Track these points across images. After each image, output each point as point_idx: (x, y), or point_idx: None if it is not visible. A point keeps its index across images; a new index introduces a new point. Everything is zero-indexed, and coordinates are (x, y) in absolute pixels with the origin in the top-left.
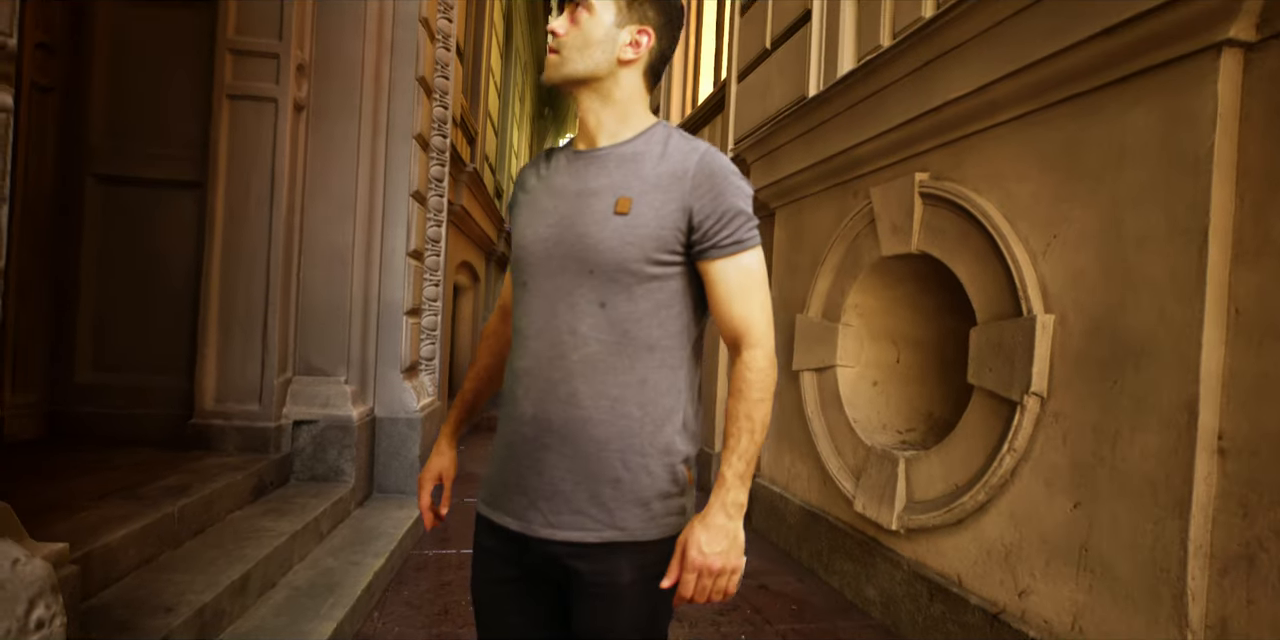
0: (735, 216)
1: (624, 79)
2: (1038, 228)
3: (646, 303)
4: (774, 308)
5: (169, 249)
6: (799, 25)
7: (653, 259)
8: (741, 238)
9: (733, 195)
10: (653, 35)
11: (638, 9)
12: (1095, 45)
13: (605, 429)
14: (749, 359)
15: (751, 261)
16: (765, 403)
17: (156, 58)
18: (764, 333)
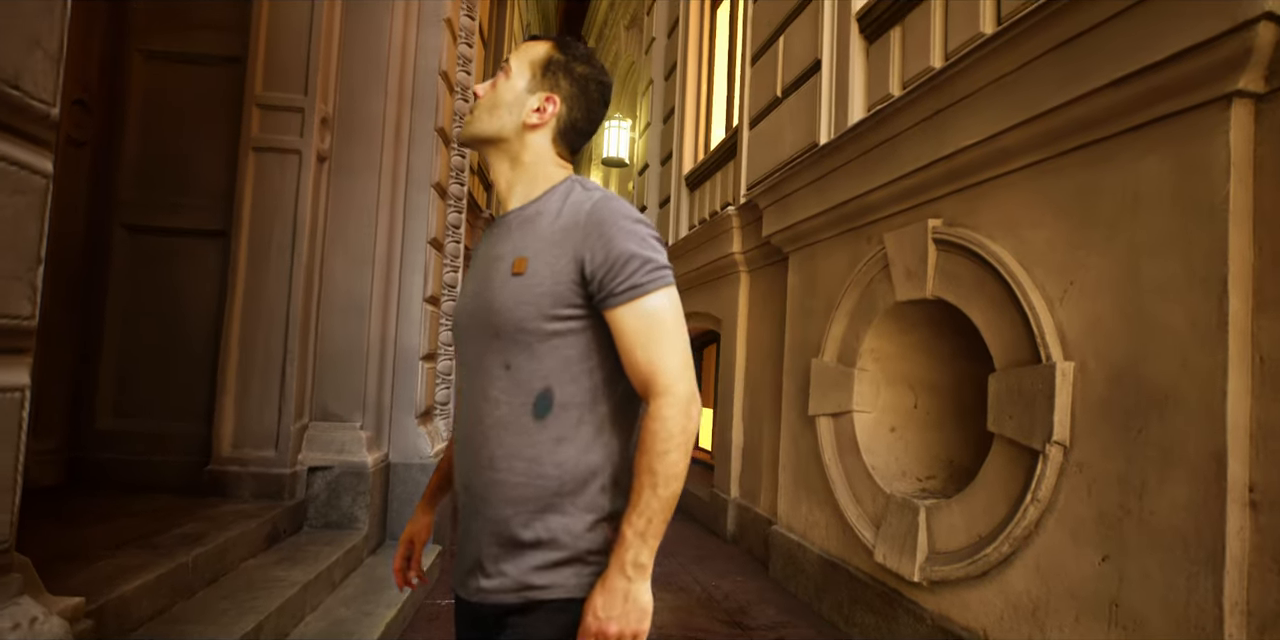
0: (628, 261)
1: (531, 142)
2: (1054, 274)
3: (552, 360)
4: (789, 351)
5: (192, 296)
6: (809, 74)
7: (549, 315)
8: (638, 282)
9: (624, 240)
10: (559, 103)
11: (550, 78)
12: (1105, 95)
13: (522, 491)
14: (653, 408)
15: (654, 305)
16: (670, 454)
17: (187, 112)
18: (672, 380)
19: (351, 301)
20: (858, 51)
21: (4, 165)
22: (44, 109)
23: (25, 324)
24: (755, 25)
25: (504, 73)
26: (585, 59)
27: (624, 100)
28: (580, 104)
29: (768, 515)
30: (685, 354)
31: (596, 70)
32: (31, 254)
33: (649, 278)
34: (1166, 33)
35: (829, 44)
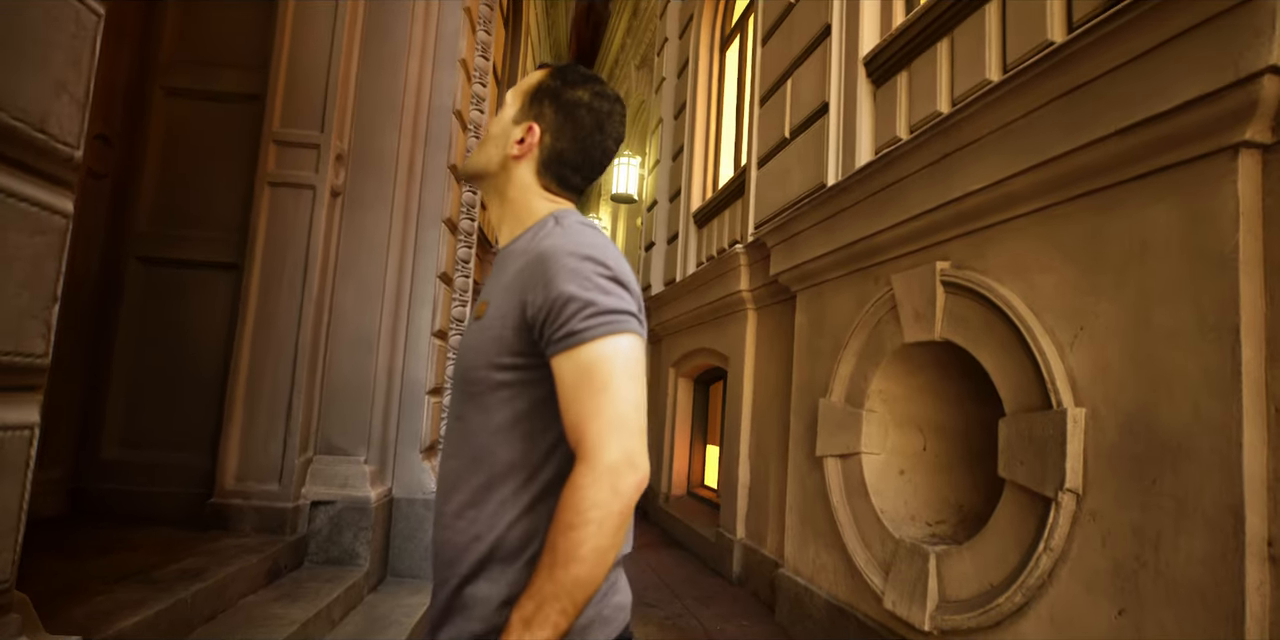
0: (566, 304)
1: (515, 175)
2: (1063, 319)
3: (500, 414)
4: (796, 390)
5: (202, 328)
6: (817, 116)
7: (495, 363)
8: (574, 328)
9: (564, 280)
10: (539, 132)
11: (535, 106)
12: (1111, 144)
13: (461, 553)
14: (572, 475)
15: (591, 356)
16: (577, 531)
17: (205, 147)
18: (595, 444)
19: (360, 335)
20: (865, 95)
21: (26, 206)
22: (68, 151)
23: (38, 362)
24: (763, 68)
25: (502, 105)
26: (578, 84)
27: (634, 138)
28: (566, 132)
29: (774, 557)
30: (621, 415)
31: (591, 95)
32: (48, 293)
33: (587, 324)
34: (1171, 84)
35: (836, 87)
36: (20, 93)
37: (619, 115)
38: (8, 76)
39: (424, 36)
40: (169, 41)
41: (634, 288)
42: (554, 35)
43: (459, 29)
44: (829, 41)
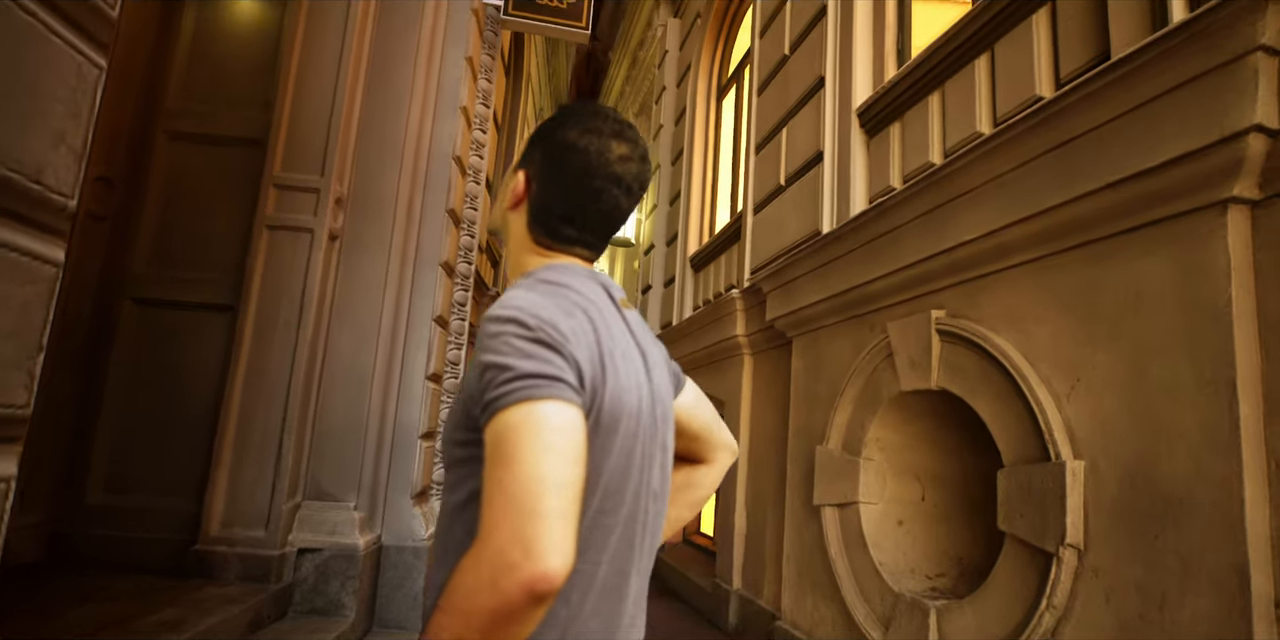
0: (484, 373)
1: (511, 227)
2: (1059, 370)
3: (458, 493)
4: (793, 437)
5: (194, 370)
6: (811, 165)
7: (454, 439)
8: (489, 398)
9: (486, 346)
10: (524, 179)
11: (529, 152)
12: (1102, 197)
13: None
14: (465, 556)
15: (500, 426)
16: (445, 616)
17: (206, 190)
18: (486, 525)
19: (353, 378)
20: (859, 145)
21: (16, 257)
22: (62, 201)
23: (19, 413)
24: (759, 116)
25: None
26: (569, 122)
27: None
28: (555, 179)
29: (771, 609)
30: (522, 492)
31: (580, 133)
32: (33, 342)
33: (499, 391)
34: (1159, 140)
35: (830, 137)
36: (17, 145)
37: (617, 153)
38: (6, 130)
39: (426, 84)
40: (175, 87)
41: (572, 348)
42: (555, 83)
43: (460, 77)
44: (823, 93)
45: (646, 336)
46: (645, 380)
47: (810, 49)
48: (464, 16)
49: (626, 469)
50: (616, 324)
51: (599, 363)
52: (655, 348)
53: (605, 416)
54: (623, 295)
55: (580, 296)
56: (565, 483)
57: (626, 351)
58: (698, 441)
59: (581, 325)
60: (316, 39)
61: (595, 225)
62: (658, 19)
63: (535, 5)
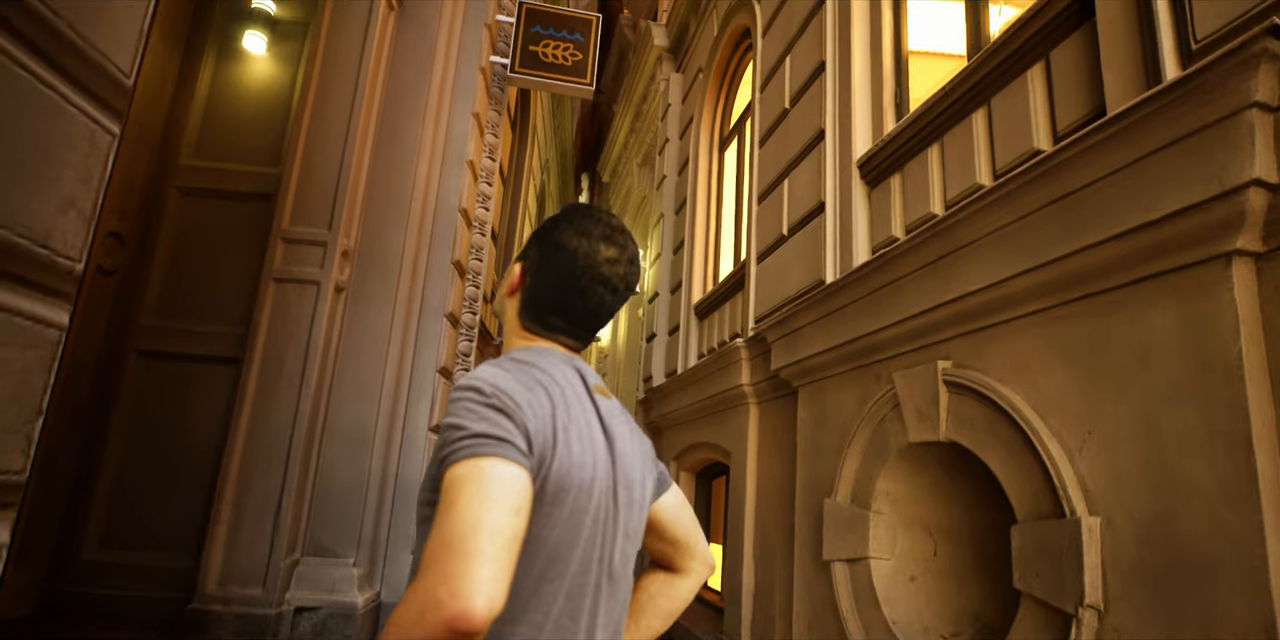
0: (444, 431)
1: (507, 311)
2: (1070, 423)
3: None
4: (800, 488)
5: (197, 423)
6: (813, 215)
7: (424, 498)
8: (442, 455)
9: (449, 408)
10: (520, 271)
11: (528, 246)
12: (1105, 249)
13: None
14: (405, 590)
15: (449, 478)
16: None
17: (215, 244)
18: (422, 564)
19: (356, 431)
20: (860, 195)
21: (20, 321)
22: (69, 265)
23: (15, 479)
24: (761, 168)
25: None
26: (564, 224)
27: (636, 231)
28: (545, 273)
29: None
30: (456, 536)
31: (573, 234)
32: (33, 407)
33: (451, 448)
34: (1159, 193)
35: (832, 188)
36: (27, 210)
37: (605, 256)
38: (16, 196)
39: (434, 139)
40: (189, 144)
41: (524, 417)
42: (560, 135)
43: (468, 132)
44: (823, 145)
45: (622, 425)
46: (607, 463)
47: (810, 103)
48: (472, 74)
49: (573, 541)
50: (578, 405)
51: (550, 435)
52: (633, 439)
53: (551, 486)
54: (598, 381)
55: (545, 375)
56: (497, 530)
57: (586, 432)
58: (675, 548)
59: (538, 399)
60: (328, 96)
61: (580, 319)
62: (660, 74)
63: (541, 63)
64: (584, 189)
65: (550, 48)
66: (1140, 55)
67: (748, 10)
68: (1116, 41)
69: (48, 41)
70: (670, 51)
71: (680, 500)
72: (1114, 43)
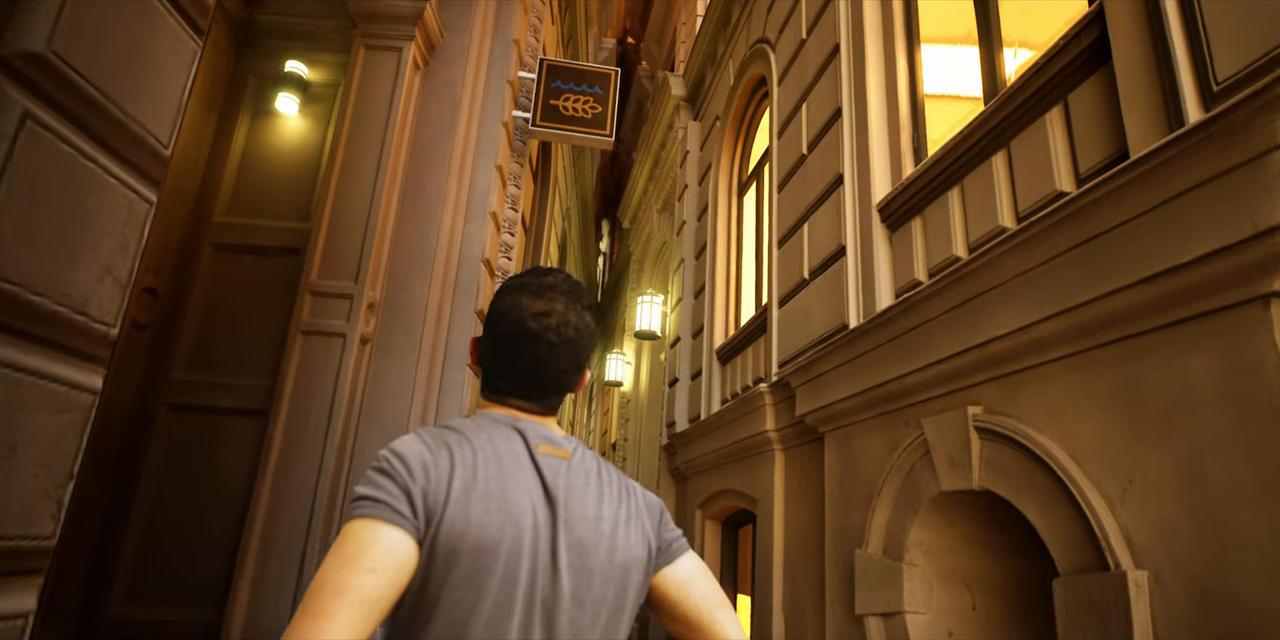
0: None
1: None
2: (1110, 471)
3: None
4: (830, 538)
5: (224, 476)
6: (834, 259)
7: None
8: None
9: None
10: (472, 345)
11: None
12: (1135, 292)
13: None
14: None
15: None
16: None
17: (246, 298)
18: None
19: None
20: (881, 239)
21: (55, 386)
22: (104, 330)
23: (44, 544)
24: (780, 212)
25: None
26: (499, 292)
27: (656, 277)
28: (487, 341)
29: None
30: (311, 594)
31: (502, 298)
32: (64, 471)
33: (347, 513)
34: (1189, 236)
35: (852, 231)
36: (66, 279)
37: (532, 310)
38: (57, 266)
39: (458, 191)
40: (223, 201)
41: (408, 479)
42: (581, 183)
43: (490, 184)
44: (842, 189)
45: (586, 486)
46: (536, 525)
47: (827, 148)
48: (494, 129)
49: (474, 605)
50: (498, 465)
51: (443, 495)
52: (606, 500)
53: (441, 546)
54: (550, 441)
55: (460, 437)
56: (346, 589)
57: (498, 492)
58: (687, 628)
59: (438, 460)
60: (357, 154)
61: (523, 378)
62: (678, 122)
63: (561, 116)
64: (604, 235)
65: (570, 101)
66: (1161, 97)
67: (763, 60)
68: (1135, 84)
69: (92, 118)
70: (687, 100)
71: (692, 572)
72: (1133, 85)
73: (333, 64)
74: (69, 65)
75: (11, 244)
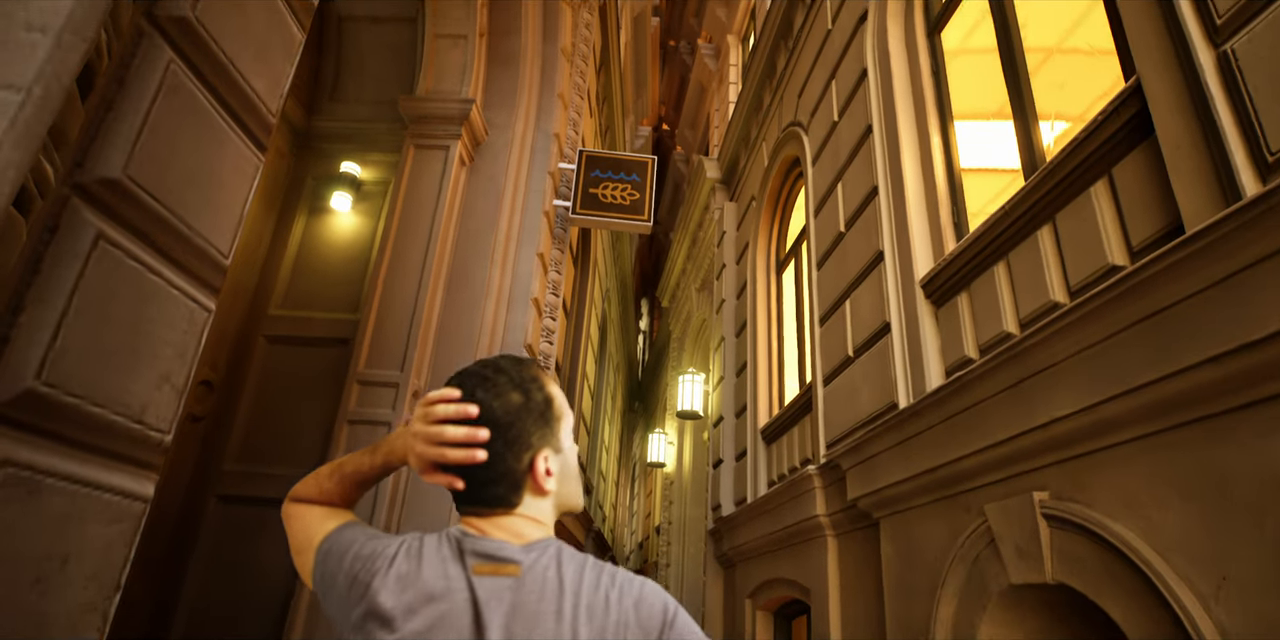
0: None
1: None
2: (1199, 565)
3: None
4: (891, 633)
5: (268, 566)
6: (879, 336)
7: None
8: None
9: None
10: None
11: None
12: (1204, 372)
13: None
14: None
15: None
16: None
17: (296, 389)
18: None
19: None
20: (926, 315)
21: (109, 497)
22: (159, 437)
23: None
24: (821, 289)
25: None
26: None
27: (697, 355)
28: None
29: None
30: None
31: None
32: (112, 582)
33: None
34: (1260, 311)
35: (896, 308)
36: (125, 389)
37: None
38: (118, 377)
39: (500, 280)
40: (278, 295)
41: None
42: (620, 264)
43: (532, 271)
44: (883, 266)
45: (540, 605)
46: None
47: (866, 225)
48: (536, 218)
49: None
50: (415, 576)
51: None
52: (563, 621)
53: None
54: (491, 559)
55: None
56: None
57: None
58: None
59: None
60: (405, 246)
61: (465, 480)
62: (714, 203)
63: (600, 204)
64: (643, 314)
65: (609, 189)
66: (1212, 169)
67: (796, 142)
68: (1183, 157)
69: (159, 233)
70: (723, 182)
71: None
72: (1180, 158)
73: (384, 163)
74: (141, 187)
75: (77, 359)
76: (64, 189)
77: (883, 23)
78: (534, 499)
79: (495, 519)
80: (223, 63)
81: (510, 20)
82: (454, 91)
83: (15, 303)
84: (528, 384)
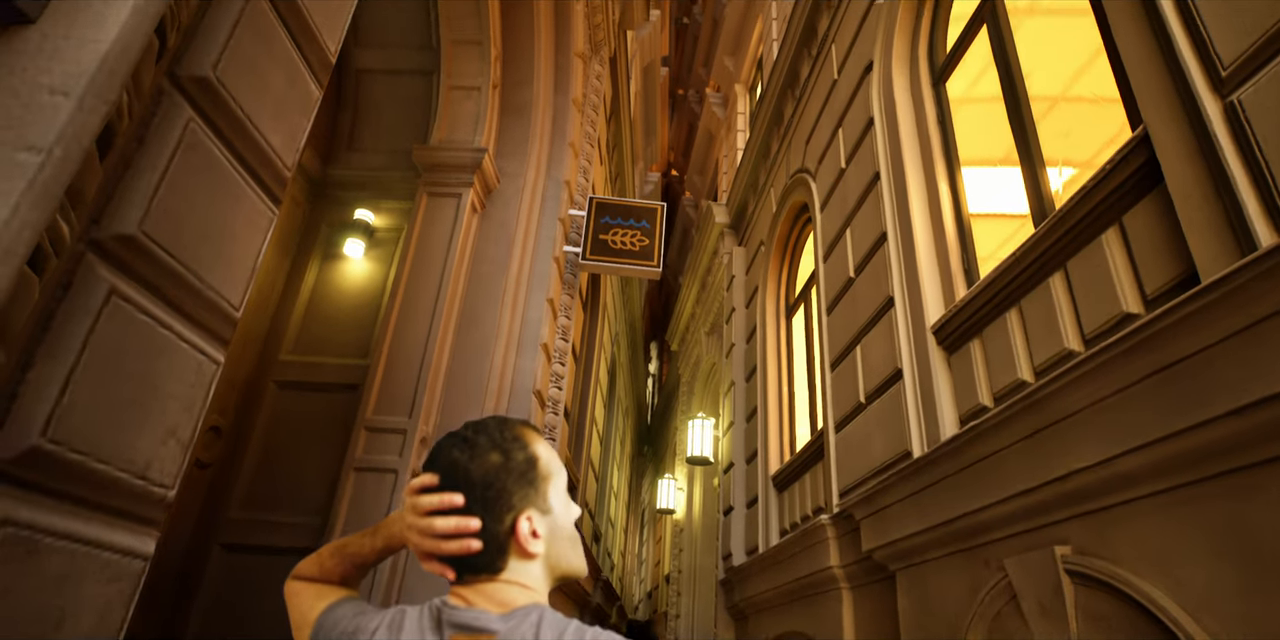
0: None
1: None
2: (1232, 626)
3: None
4: None
5: (271, 616)
6: (891, 382)
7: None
8: None
9: None
10: None
11: None
12: (1226, 424)
13: None
14: None
15: None
16: None
17: (304, 434)
18: None
19: None
20: (939, 361)
21: (109, 555)
22: (162, 493)
23: None
24: (831, 335)
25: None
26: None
27: (706, 400)
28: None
29: None
30: None
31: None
32: None
33: None
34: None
35: (907, 354)
36: (130, 445)
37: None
38: (123, 433)
39: (510, 325)
40: (289, 341)
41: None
42: (629, 308)
43: (542, 317)
44: (893, 311)
45: None
46: None
47: (875, 271)
48: (546, 264)
49: None
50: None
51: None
52: None
53: None
54: (466, 630)
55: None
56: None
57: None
58: None
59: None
60: (415, 292)
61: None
62: (723, 248)
63: (610, 250)
64: (653, 357)
65: (619, 235)
66: (1224, 218)
67: (804, 188)
68: (1194, 206)
69: (171, 287)
70: (731, 227)
71: None
72: (1191, 207)
73: (397, 210)
74: (156, 243)
75: (83, 414)
76: (79, 246)
77: (888, 72)
78: (520, 563)
79: (479, 586)
80: (241, 120)
81: (523, 72)
82: (467, 141)
83: (25, 360)
84: (508, 444)
